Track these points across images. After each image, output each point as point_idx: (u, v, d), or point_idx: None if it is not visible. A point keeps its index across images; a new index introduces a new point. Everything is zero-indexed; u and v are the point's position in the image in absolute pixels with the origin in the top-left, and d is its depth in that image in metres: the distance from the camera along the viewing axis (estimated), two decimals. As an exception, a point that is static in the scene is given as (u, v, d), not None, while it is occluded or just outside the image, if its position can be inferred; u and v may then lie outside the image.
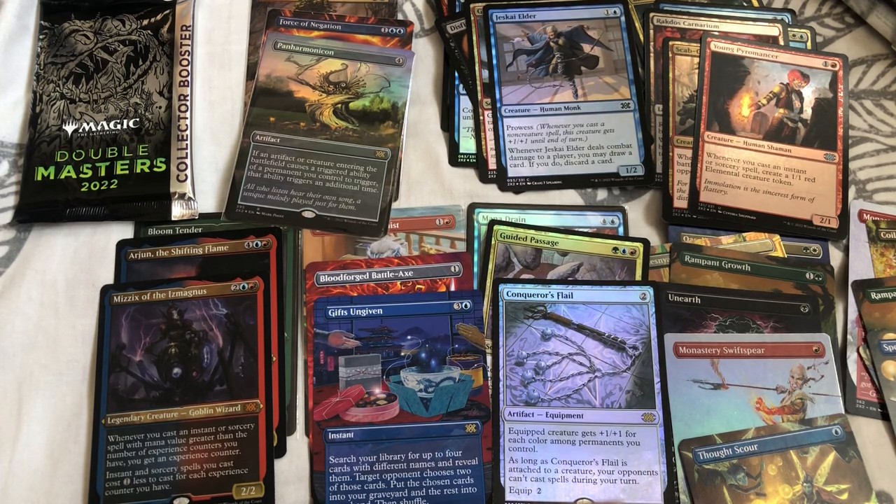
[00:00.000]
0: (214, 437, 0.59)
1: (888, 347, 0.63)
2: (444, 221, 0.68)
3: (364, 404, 0.61)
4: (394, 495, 0.58)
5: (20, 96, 0.72)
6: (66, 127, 0.70)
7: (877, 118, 0.73)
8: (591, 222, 0.68)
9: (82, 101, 0.71)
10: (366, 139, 0.70)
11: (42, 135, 0.70)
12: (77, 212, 0.67)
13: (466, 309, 0.63)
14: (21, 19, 0.74)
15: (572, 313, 0.63)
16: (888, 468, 0.60)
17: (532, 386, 0.61)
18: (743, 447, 0.59)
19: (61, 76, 0.72)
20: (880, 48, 0.76)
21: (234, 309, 0.63)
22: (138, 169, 0.69)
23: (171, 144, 0.70)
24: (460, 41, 0.75)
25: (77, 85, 0.72)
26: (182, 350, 0.62)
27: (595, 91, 0.73)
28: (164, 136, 0.70)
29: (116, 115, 0.71)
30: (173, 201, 0.68)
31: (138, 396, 0.60)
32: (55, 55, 0.73)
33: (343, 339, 0.63)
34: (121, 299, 0.63)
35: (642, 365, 0.62)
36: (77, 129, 0.70)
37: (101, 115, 0.71)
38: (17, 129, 0.71)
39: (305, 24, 0.75)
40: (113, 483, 0.58)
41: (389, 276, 0.65)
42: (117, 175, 0.68)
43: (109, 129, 0.70)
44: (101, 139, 0.70)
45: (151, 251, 0.66)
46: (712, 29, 0.75)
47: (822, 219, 0.68)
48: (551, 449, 0.59)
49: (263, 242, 0.66)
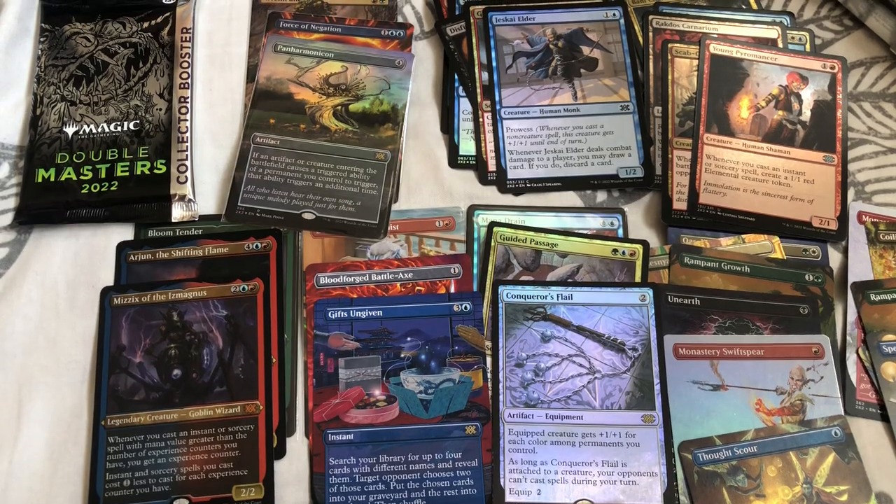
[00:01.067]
0: (214, 438, 0.59)
1: (887, 349, 0.63)
2: (444, 223, 0.68)
3: (364, 406, 0.61)
4: (393, 497, 0.58)
5: (21, 98, 0.72)
6: (67, 129, 0.70)
7: (875, 120, 0.73)
8: (591, 224, 0.68)
9: (83, 103, 0.71)
10: (366, 141, 0.70)
11: (42, 137, 0.70)
12: (77, 213, 0.67)
13: (466, 311, 0.63)
14: (22, 21, 0.74)
15: (572, 315, 0.63)
16: (888, 469, 0.60)
17: (532, 387, 0.61)
18: (742, 448, 0.59)
19: (62, 78, 0.72)
20: (879, 50, 0.76)
21: (234, 310, 0.63)
22: (138, 171, 0.69)
23: (172, 146, 0.70)
24: (460, 43, 0.75)
25: (78, 87, 0.72)
26: (182, 351, 0.62)
27: (594, 93, 0.73)
28: (165, 138, 0.70)
29: (117, 118, 0.71)
30: (173, 203, 0.68)
31: (138, 398, 0.60)
32: (56, 57, 0.73)
33: (343, 341, 0.63)
34: (121, 301, 0.63)
35: (642, 366, 0.62)
36: (77, 131, 0.70)
37: (102, 118, 0.71)
38: (18, 131, 0.71)
39: (305, 26, 0.76)
40: (113, 484, 0.58)
41: (389, 278, 0.65)
42: (117, 177, 0.68)
43: (110, 131, 0.70)
44: (101, 141, 0.70)
45: (151, 253, 0.66)
46: (711, 31, 0.75)
47: (821, 220, 0.68)
48: (551, 450, 0.59)
49: (263, 244, 0.66)
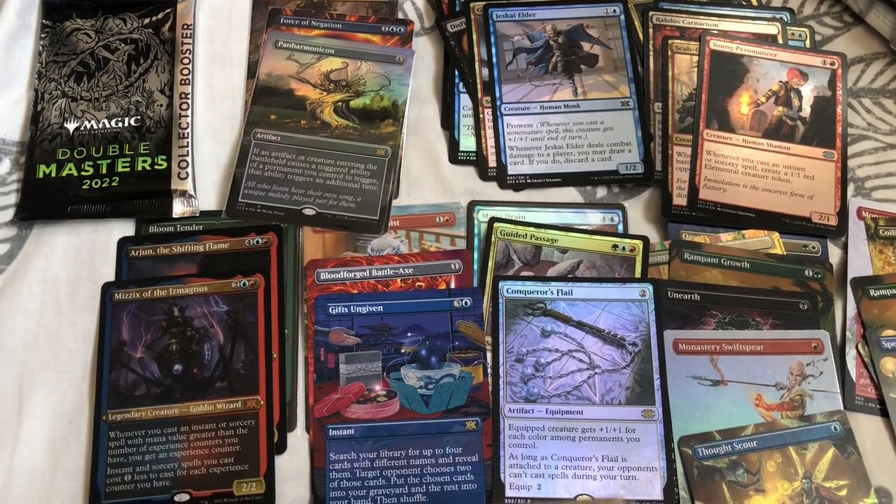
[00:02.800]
0: (215, 433, 0.59)
1: (887, 344, 0.63)
2: (444, 219, 0.68)
3: (364, 401, 0.61)
4: (394, 492, 0.58)
5: (21, 94, 0.73)
6: (68, 125, 0.70)
7: (875, 116, 0.73)
8: (591, 220, 0.68)
9: (84, 99, 0.71)
10: (366, 137, 0.70)
11: (44, 132, 0.70)
12: (78, 209, 0.67)
13: (466, 306, 0.64)
14: (22, 18, 0.74)
15: (572, 310, 0.63)
16: (887, 464, 0.60)
17: (532, 382, 0.61)
18: (742, 444, 0.60)
19: (63, 74, 0.72)
20: (879, 46, 0.76)
21: (235, 306, 0.63)
22: (139, 167, 0.69)
23: (172, 142, 0.70)
24: (460, 39, 0.75)
25: (78, 83, 0.72)
26: (183, 347, 0.62)
27: (595, 89, 0.73)
28: (165, 134, 0.70)
29: (118, 113, 0.71)
30: (174, 199, 0.68)
31: (139, 393, 0.60)
32: (57, 53, 0.73)
33: (343, 336, 0.63)
34: (122, 296, 0.63)
35: (642, 361, 0.62)
36: (78, 126, 0.70)
37: (103, 113, 0.71)
38: (19, 126, 0.71)
39: (306, 22, 0.76)
40: (114, 479, 0.58)
41: (390, 274, 0.65)
42: (118, 173, 0.68)
43: (111, 126, 0.70)
44: (102, 137, 0.70)
45: (152, 248, 0.66)
46: (711, 27, 0.75)
47: (820, 216, 0.68)
48: (551, 445, 0.60)
49: (264, 240, 0.66)
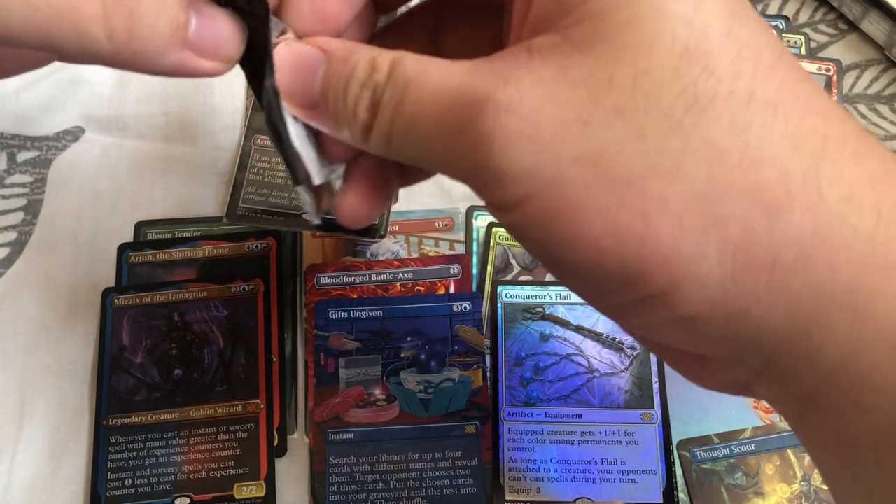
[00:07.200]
0: (215, 437, 0.59)
1: (884, 347, 0.63)
2: (444, 224, 0.68)
3: (364, 405, 0.61)
4: (393, 495, 0.58)
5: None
6: (68, 131, 0.71)
7: (871, 122, 0.74)
8: (589, 225, 0.69)
9: (84, 105, 0.72)
10: (365, 143, 0.71)
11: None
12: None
13: (466, 311, 0.64)
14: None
15: (570, 314, 0.64)
16: (885, 467, 0.60)
17: (531, 386, 0.62)
18: (740, 447, 0.60)
19: (63, 81, 0.73)
20: (874, 53, 0.77)
21: (235, 310, 0.63)
22: (140, 173, 0.69)
23: (173, 148, 0.70)
24: (459, 47, 0.76)
25: (79, 90, 0.72)
26: (183, 351, 0.62)
27: (592, 95, 0.73)
28: (166, 141, 0.70)
29: (118, 120, 0.71)
30: (174, 204, 0.68)
31: (139, 397, 0.61)
32: (57, 61, 0.74)
33: (343, 341, 0.63)
34: (122, 302, 0.64)
35: (640, 365, 0.62)
36: (79, 133, 0.70)
37: (103, 120, 0.71)
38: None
39: (305, 30, 0.76)
40: (114, 483, 0.58)
41: (389, 278, 0.65)
42: (119, 179, 0.69)
43: (111, 133, 0.71)
44: (102, 143, 0.70)
45: (152, 254, 0.66)
46: (708, 34, 0.75)
47: (817, 221, 0.68)
48: (550, 449, 0.60)
49: (264, 245, 0.66)
